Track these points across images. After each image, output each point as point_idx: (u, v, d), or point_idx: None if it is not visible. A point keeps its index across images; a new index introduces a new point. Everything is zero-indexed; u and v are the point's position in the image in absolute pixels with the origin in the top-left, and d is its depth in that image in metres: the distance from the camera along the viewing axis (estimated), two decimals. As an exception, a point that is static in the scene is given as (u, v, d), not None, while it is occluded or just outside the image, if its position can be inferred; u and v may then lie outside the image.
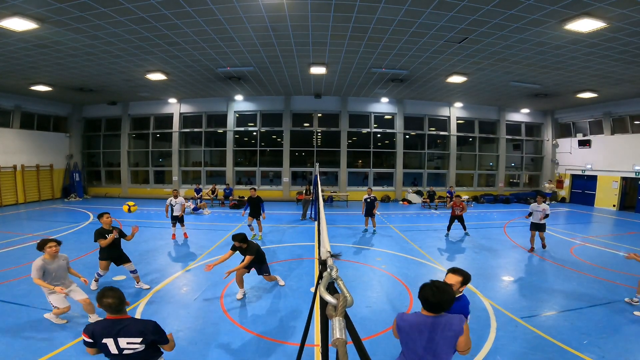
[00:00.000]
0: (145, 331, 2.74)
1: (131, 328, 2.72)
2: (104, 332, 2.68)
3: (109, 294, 2.76)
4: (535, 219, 9.08)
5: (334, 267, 1.53)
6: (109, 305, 2.72)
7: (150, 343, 2.78)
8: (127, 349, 2.70)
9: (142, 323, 2.81)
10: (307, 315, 3.11)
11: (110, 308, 2.73)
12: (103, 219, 6.08)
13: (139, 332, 2.71)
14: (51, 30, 8.73)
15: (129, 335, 2.69)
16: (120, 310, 2.79)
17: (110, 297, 2.74)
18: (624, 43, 9.05)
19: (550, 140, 21.25)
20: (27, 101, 17.19)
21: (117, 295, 2.77)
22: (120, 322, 2.74)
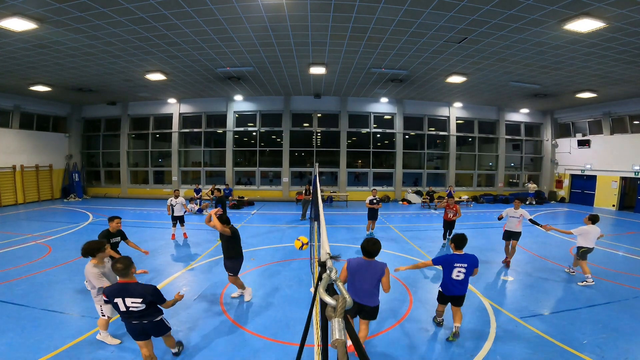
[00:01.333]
0: (145, 293, 3.47)
1: (135, 290, 3.46)
2: (115, 293, 3.46)
3: (120, 260, 3.54)
4: (511, 227, 7.94)
5: (333, 269, 1.53)
6: (119, 270, 3.48)
7: (150, 303, 3.50)
8: (132, 307, 3.46)
9: (143, 287, 3.52)
10: (306, 316, 3.11)
11: (119, 272, 3.49)
12: (113, 223, 5.88)
13: (140, 294, 3.46)
14: (50, 30, 8.73)
15: (133, 296, 3.44)
16: (127, 275, 3.51)
17: (120, 262, 3.50)
18: (623, 43, 9.06)
19: (549, 140, 21.27)
20: (26, 101, 17.17)
21: (125, 262, 3.52)
22: (128, 285, 3.48)
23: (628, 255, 8.92)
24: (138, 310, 3.47)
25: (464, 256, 4.59)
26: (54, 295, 5.94)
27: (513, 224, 7.90)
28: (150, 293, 3.48)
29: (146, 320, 3.56)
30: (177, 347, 4.21)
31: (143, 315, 3.51)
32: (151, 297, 3.48)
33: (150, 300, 3.49)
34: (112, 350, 4.24)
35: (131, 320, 3.53)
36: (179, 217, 9.97)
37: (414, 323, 5.12)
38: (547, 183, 21.46)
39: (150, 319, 3.58)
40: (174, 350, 4.17)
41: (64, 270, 7.19)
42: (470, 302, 5.83)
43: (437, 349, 4.40)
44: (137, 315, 3.49)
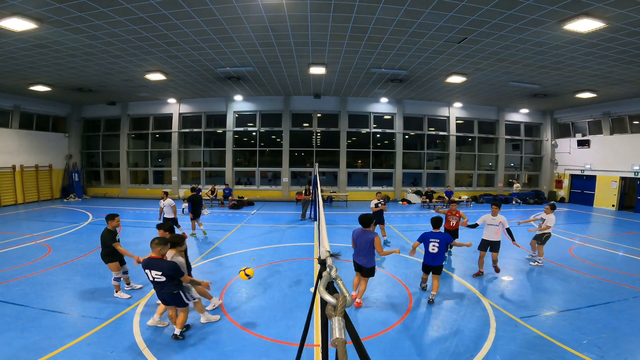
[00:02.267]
0: (164, 268, 4.28)
1: (158, 265, 4.31)
2: (146, 265, 4.37)
3: (154, 240, 4.45)
4: (489, 236, 7.14)
5: (333, 267, 1.52)
6: (152, 245, 4.41)
7: (169, 276, 4.29)
8: (156, 278, 4.32)
9: (165, 263, 4.34)
10: (306, 315, 3.11)
11: (152, 248, 4.40)
12: (114, 222, 5.90)
13: (161, 268, 4.28)
14: (50, 30, 8.72)
15: (156, 269, 4.29)
16: (156, 252, 4.37)
17: (154, 241, 4.42)
18: (623, 43, 9.07)
19: (549, 140, 21.28)
20: (26, 101, 17.16)
21: (156, 241, 4.43)
22: (154, 260, 4.35)
23: (628, 255, 8.93)
24: (161, 282, 4.31)
25: (438, 234, 5.90)
26: (54, 295, 5.94)
27: (491, 233, 7.14)
28: (167, 268, 4.28)
29: (165, 290, 4.36)
30: (183, 327, 4.60)
31: (163, 287, 4.35)
32: (168, 272, 4.26)
33: (169, 274, 4.26)
34: (112, 351, 4.24)
35: (156, 288, 4.46)
36: (170, 220, 9.03)
37: (414, 323, 5.12)
38: (546, 183, 21.47)
39: (168, 290, 4.36)
40: (177, 330, 4.53)
41: (64, 270, 7.18)
42: (470, 302, 5.84)
43: (437, 349, 4.40)
44: (159, 285, 4.37)
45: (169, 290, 4.36)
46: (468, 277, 7.08)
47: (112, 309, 5.39)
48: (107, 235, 5.81)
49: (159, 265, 4.29)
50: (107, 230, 5.86)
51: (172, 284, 4.34)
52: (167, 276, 4.27)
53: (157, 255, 4.37)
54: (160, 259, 4.37)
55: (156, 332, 4.75)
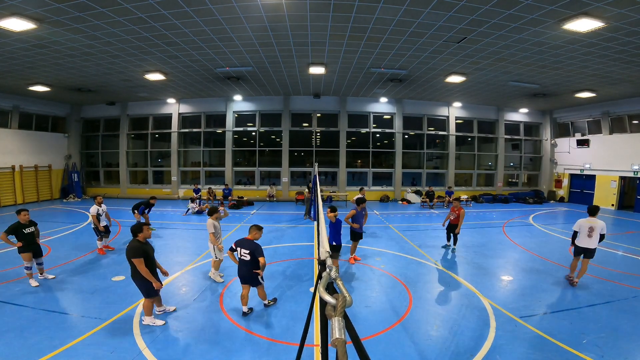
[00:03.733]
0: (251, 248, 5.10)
1: (246, 245, 5.16)
2: (238, 244, 5.24)
3: (254, 225, 5.42)
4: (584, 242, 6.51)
5: (333, 267, 1.52)
6: (249, 230, 5.38)
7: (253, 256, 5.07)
8: (243, 256, 5.15)
9: (252, 243, 5.16)
10: (306, 315, 3.11)
11: (249, 230, 5.38)
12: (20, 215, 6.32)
13: (249, 246, 5.11)
14: (49, 30, 8.71)
15: (244, 248, 5.15)
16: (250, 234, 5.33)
17: (252, 226, 5.39)
18: (622, 43, 9.08)
19: (548, 140, 21.29)
20: (25, 101, 17.15)
21: (253, 226, 5.37)
22: (246, 240, 5.23)
23: (627, 254, 8.93)
24: (246, 260, 5.12)
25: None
26: (54, 295, 5.94)
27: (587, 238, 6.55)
28: (254, 248, 5.07)
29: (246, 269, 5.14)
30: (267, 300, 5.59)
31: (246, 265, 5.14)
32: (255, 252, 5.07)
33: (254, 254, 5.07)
34: (112, 351, 4.24)
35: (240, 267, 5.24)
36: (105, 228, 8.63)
37: (414, 322, 5.12)
38: (546, 183, 21.49)
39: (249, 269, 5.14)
40: (265, 302, 5.54)
41: (64, 270, 7.18)
42: (470, 302, 5.84)
43: (437, 349, 4.40)
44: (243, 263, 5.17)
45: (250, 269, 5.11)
46: (468, 277, 7.09)
47: (112, 309, 5.39)
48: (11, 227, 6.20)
49: (247, 245, 5.11)
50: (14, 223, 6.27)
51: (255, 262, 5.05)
52: (253, 255, 5.04)
53: (248, 237, 5.25)
54: (247, 239, 5.21)
55: (156, 332, 4.75)
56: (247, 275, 5.14)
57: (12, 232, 6.15)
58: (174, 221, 13.08)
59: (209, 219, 6.77)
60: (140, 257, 4.71)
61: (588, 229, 6.47)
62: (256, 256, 5.04)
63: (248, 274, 5.13)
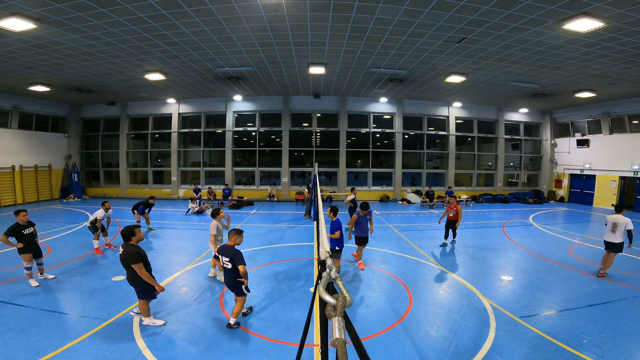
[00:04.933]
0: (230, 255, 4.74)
1: (226, 252, 4.82)
2: (220, 251, 4.94)
3: (232, 229, 5.06)
4: None
5: (333, 267, 1.52)
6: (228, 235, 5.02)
7: (233, 263, 4.71)
8: (225, 264, 4.82)
9: (231, 250, 4.80)
10: (306, 315, 3.11)
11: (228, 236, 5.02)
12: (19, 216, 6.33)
13: (228, 254, 4.76)
14: (49, 30, 8.71)
15: (225, 255, 4.81)
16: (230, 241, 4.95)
17: (231, 230, 5.04)
18: (622, 43, 9.08)
19: (548, 140, 21.29)
20: (25, 101, 17.14)
21: (232, 231, 5.01)
22: (226, 247, 4.91)
23: (627, 255, 8.92)
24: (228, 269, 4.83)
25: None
26: (54, 295, 5.94)
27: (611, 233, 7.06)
28: (232, 254, 4.74)
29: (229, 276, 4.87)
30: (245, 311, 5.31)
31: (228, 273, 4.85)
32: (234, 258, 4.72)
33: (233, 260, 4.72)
34: (112, 351, 4.23)
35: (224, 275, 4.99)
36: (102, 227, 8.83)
37: (414, 322, 5.12)
38: (546, 183, 21.49)
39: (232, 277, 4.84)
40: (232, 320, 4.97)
41: (64, 270, 7.18)
42: (470, 302, 5.84)
43: (437, 349, 4.40)
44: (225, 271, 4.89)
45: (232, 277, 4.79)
46: (468, 277, 7.09)
47: (112, 309, 5.39)
48: (10, 228, 6.16)
49: (227, 252, 4.81)
50: (13, 224, 6.24)
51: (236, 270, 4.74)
52: (233, 263, 4.72)
53: (229, 243, 4.91)
54: (230, 247, 4.85)
55: (156, 332, 4.75)
56: (231, 284, 4.84)
57: (12, 233, 6.14)
58: (174, 221, 13.08)
59: (213, 221, 6.72)
60: (140, 261, 4.65)
61: (612, 225, 6.98)
62: (236, 264, 4.69)
63: (232, 283, 4.82)
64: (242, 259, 4.72)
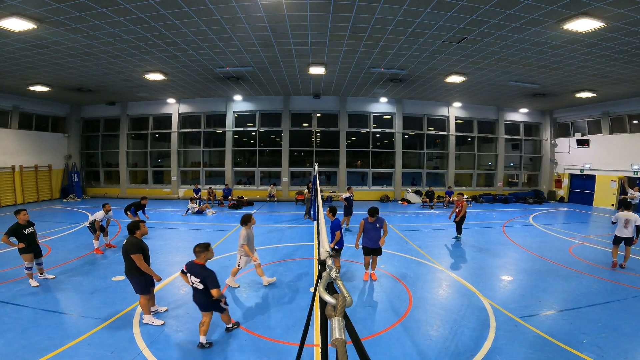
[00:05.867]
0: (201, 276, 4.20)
1: (196, 271, 4.25)
2: (189, 269, 4.33)
3: (198, 244, 4.39)
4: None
5: (333, 267, 1.52)
6: (194, 252, 4.37)
7: (205, 285, 4.19)
8: (195, 284, 4.28)
9: (202, 270, 4.25)
10: (306, 315, 3.11)
11: (195, 253, 4.37)
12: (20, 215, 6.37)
13: (199, 275, 4.22)
14: (49, 30, 8.71)
15: (195, 275, 4.25)
16: (198, 257, 4.33)
17: (196, 246, 4.38)
18: (622, 43, 9.07)
19: (548, 140, 21.29)
20: (25, 101, 17.14)
21: (198, 247, 4.36)
22: (196, 265, 4.31)
23: (627, 254, 8.92)
24: (199, 289, 4.28)
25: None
26: (54, 295, 5.94)
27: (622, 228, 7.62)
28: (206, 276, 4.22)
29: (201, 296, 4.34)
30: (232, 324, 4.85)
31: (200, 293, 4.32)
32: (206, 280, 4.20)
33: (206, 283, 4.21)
34: (112, 351, 4.23)
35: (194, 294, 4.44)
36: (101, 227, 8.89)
37: (414, 322, 5.12)
38: (546, 182, 21.49)
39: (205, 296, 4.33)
40: (228, 325, 4.79)
41: (64, 270, 7.18)
42: (470, 302, 5.84)
43: (437, 348, 4.40)
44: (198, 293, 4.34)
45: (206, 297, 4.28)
46: (468, 277, 7.09)
47: (112, 309, 5.38)
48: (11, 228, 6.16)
49: (199, 272, 4.23)
50: (14, 224, 6.25)
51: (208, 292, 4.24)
52: (205, 284, 4.19)
53: (200, 262, 4.31)
54: (201, 265, 4.29)
55: (156, 332, 4.75)
56: (204, 302, 4.32)
57: (13, 233, 6.14)
58: (174, 221, 13.08)
59: (243, 229, 6.17)
60: (140, 252, 4.83)
61: (624, 221, 7.55)
62: (209, 287, 4.19)
63: (205, 301, 4.31)
64: (216, 281, 4.21)
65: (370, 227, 6.64)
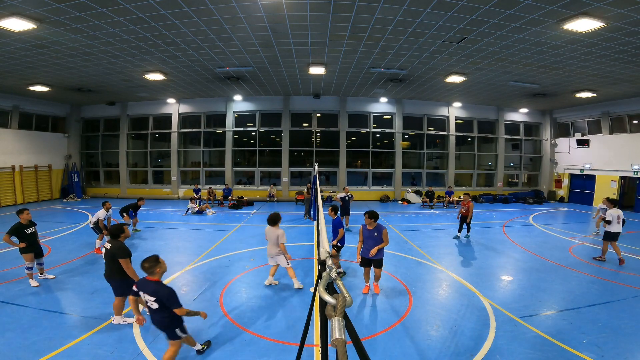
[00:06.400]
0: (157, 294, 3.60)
1: (150, 288, 3.65)
2: (141, 287, 3.74)
3: (145, 260, 3.75)
4: None
5: (333, 267, 1.52)
6: (144, 268, 3.71)
7: (161, 304, 3.61)
8: (150, 303, 3.67)
9: (158, 287, 3.66)
10: (306, 315, 3.11)
11: (145, 270, 3.71)
12: (23, 215, 6.35)
13: (155, 293, 3.61)
14: (49, 30, 8.71)
15: (150, 294, 3.64)
16: (150, 273, 3.72)
17: (145, 262, 3.73)
18: (622, 43, 9.08)
19: (548, 140, 21.29)
20: (25, 101, 17.15)
21: (147, 263, 3.72)
22: (147, 282, 3.72)
23: (627, 254, 8.93)
24: (154, 309, 3.70)
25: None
26: (54, 295, 5.94)
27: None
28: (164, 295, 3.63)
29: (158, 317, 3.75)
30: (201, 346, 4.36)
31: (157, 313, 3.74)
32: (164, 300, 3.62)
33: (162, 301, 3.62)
34: (112, 351, 4.23)
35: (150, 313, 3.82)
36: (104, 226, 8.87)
37: (414, 322, 5.12)
38: (546, 182, 21.49)
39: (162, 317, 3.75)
40: (197, 347, 4.31)
41: (64, 270, 7.18)
42: (470, 302, 5.84)
43: (437, 349, 4.40)
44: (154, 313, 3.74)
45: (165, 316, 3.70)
46: (468, 277, 7.09)
47: (112, 309, 5.38)
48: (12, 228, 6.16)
49: (152, 289, 3.65)
50: (15, 223, 6.24)
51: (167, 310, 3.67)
52: (161, 303, 3.62)
53: (153, 278, 3.73)
54: (156, 281, 3.72)
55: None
56: (164, 324, 3.75)
57: (14, 232, 6.14)
58: (173, 221, 13.08)
59: (280, 229, 6.08)
60: (128, 257, 4.84)
61: (618, 217, 8.00)
62: (168, 307, 3.63)
63: (165, 323, 3.73)
64: (176, 300, 3.62)
65: (367, 236, 5.93)
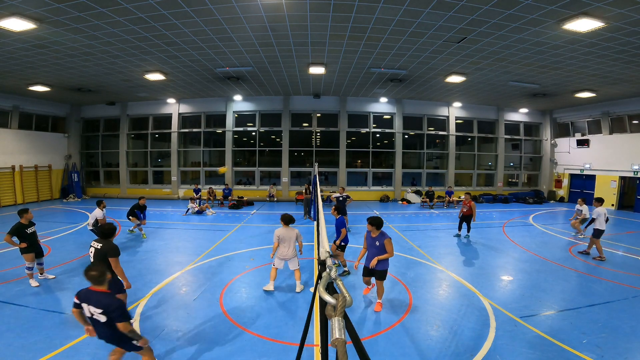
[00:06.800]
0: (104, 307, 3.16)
1: (95, 301, 3.20)
2: (84, 298, 3.27)
3: (92, 268, 3.33)
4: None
5: (333, 268, 1.52)
6: (89, 277, 3.28)
7: (109, 318, 3.17)
8: (95, 315, 3.21)
9: (105, 299, 3.21)
10: (306, 315, 3.11)
11: (91, 279, 3.28)
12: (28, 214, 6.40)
13: (102, 305, 3.17)
14: (49, 30, 8.71)
15: (96, 305, 3.19)
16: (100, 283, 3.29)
17: (91, 270, 3.30)
18: (622, 43, 9.08)
19: (548, 140, 21.30)
20: (25, 101, 17.14)
21: (95, 271, 3.29)
22: (92, 292, 3.26)
23: (627, 254, 8.94)
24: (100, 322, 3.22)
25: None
26: (54, 295, 5.94)
27: None
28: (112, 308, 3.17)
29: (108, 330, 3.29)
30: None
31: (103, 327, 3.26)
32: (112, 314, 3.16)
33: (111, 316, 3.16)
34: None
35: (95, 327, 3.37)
36: None
37: (414, 322, 5.12)
38: (546, 182, 21.49)
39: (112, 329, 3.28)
40: None
41: (64, 270, 7.18)
42: (470, 302, 5.84)
43: (437, 349, 4.40)
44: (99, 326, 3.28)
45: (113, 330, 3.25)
46: (468, 277, 7.09)
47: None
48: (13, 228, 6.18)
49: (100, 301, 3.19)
50: (16, 223, 6.25)
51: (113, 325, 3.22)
52: (109, 317, 3.18)
53: (100, 288, 3.28)
54: (103, 292, 3.27)
55: (156, 332, 4.75)
56: (111, 336, 3.33)
57: (15, 232, 6.14)
58: (174, 221, 13.09)
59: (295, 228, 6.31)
60: (118, 256, 4.79)
61: (604, 215, 8.40)
62: (114, 321, 3.15)
63: (115, 337, 3.31)
64: (124, 313, 3.20)
65: (370, 244, 5.45)
